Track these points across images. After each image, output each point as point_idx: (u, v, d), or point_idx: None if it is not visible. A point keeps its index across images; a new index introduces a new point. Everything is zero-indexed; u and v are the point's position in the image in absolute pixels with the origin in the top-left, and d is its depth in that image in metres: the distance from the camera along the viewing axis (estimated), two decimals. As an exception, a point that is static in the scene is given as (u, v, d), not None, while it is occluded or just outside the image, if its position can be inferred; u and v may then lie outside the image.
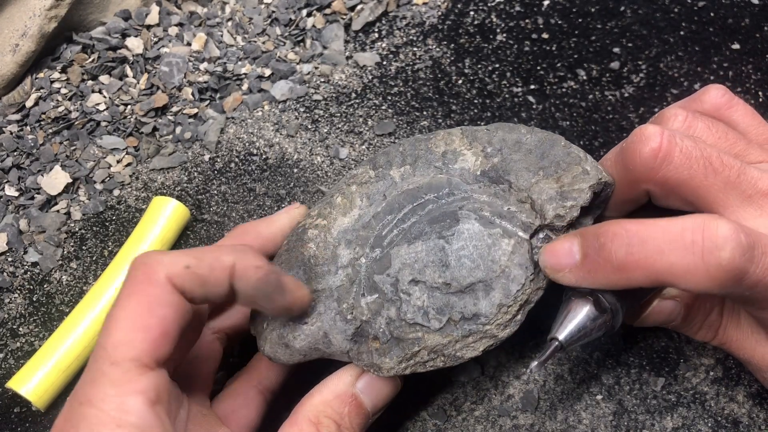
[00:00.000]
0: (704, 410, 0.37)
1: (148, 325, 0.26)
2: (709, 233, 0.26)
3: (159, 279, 0.27)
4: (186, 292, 0.28)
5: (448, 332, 0.31)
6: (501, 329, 0.31)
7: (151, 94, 0.51)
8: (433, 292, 0.31)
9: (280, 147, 0.49)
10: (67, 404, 0.27)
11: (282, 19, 0.54)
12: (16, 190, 0.47)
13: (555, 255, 0.30)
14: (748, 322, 0.33)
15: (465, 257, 0.31)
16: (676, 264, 0.26)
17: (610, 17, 0.54)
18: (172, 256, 0.28)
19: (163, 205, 0.43)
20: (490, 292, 0.31)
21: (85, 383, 0.26)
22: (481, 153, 0.34)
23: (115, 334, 0.26)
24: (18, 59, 0.50)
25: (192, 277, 0.27)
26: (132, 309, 0.27)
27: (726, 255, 0.26)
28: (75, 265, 0.45)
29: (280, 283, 0.30)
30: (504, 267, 0.31)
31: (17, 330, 0.42)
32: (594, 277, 0.29)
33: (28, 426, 0.39)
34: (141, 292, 0.27)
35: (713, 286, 0.26)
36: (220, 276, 0.28)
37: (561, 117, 0.49)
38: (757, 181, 0.30)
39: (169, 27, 0.54)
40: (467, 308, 0.31)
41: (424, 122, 0.49)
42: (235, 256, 0.29)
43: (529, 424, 0.37)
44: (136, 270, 0.27)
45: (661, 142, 0.29)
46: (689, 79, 0.50)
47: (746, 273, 0.26)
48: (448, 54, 0.53)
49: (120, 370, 0.26)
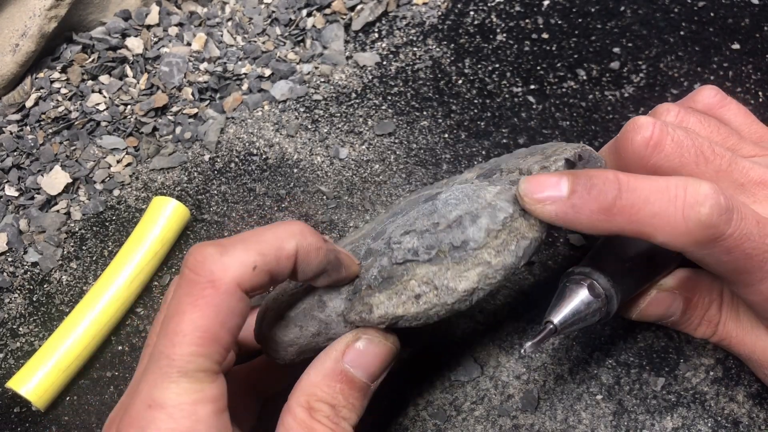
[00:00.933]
0: (704, 410, 0.37)
1: (218, 337, 0.26)
2: (691, 190, 0.27)
3: (228, 287, 0.26)
4: (253, 290, 0.27)
5: (438, 262, 0.30)
6: (493, 255, 0.29)
7: (151, 94, 0.51)
8: (423, 235, 0.30)
9: (280, 147, 0.49)
10: (131, 405, 0.26)
11: (282, 19, 0.54)
12: (16, 190, 0.47)
13: (539, 183, 0.29)
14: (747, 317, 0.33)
15: (451, 199, 0.31)
16: (659, 214, 0.27)
17: (610, 17, 0.54)
18: (237, 258, 0.26)
19: (163, 205, 0.43)
20: (477, 220, 0.30)
21: (153, 387, 0.26)
22: (478, 170, 0.35)
23: (184, 346, 0.25)
24: (18, 59, 0.50)
25: (260, 274, 0.27)
26: (200, 322, 0.26)
27: (705, 211, 0.27)
28: (75, 265, 0.45)
29: (339, 261, 0.30)
30: (490, 201, 0.30)
31: (17, 330, 0.42)
32: (577, 215, 0.28)
33: (28, 426, 0.39)
34: (207, 303, 0.26)
35: (689, 241, 0.27)
36: (286, 264, 0.28)
37: (561, 117, 0.49)
38: (748, 170, 0.30)
39: (169, 27, 0.54)
40: (456, 238, 0.30)
41: (424, 122, 0.49)
42: (296, 240, 0.28)
43: (529, 424, 0.37)
44: (199, 275, 0.26)
45: (653, 131, 0.30)
46: (689, 79, 0.50)
47: (723, 233, 0.27)
48: (448, 54, 0.53)
49: (192, 379, 0.25)
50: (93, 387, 0.40)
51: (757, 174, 0.30)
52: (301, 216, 0.46)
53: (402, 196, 0.46)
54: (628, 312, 0.34)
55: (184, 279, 0.26)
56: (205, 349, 0.26)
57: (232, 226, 0.45)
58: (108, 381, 0.40)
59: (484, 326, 0.40)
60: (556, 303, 0.32)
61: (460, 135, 0.48)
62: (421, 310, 0.29)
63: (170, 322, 0.26)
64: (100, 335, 0.40)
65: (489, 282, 0.29)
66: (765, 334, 0.32)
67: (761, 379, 0.34)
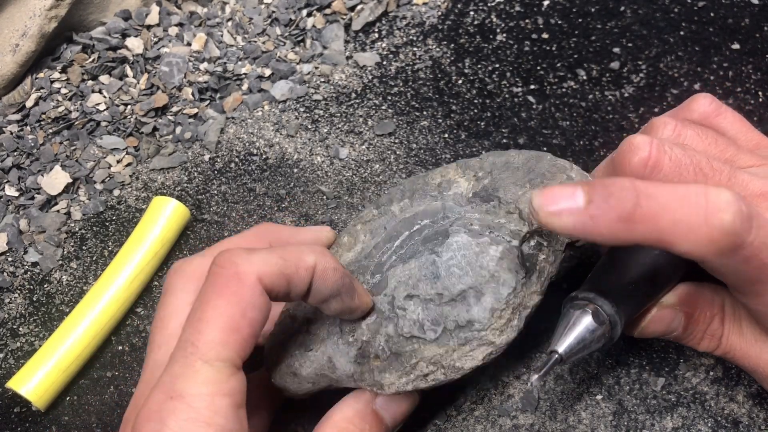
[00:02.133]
0: (704, 410, 0.37)
1: (240, 326, 0.27)
2: (713, 196, 0.26)
3: (250, 280, 0.27)
4: (272, 292, 0.28)
5: (444, 342, 0.31)
6: (497, 335, 0.31)
7: (151, 94, 0.51)
8: (427, 305, 0.31)
9: (280, 147, 0.49)
10: (152, 396, 0.27)
11: (282, 19, 0.54)
12: (16, 190, 0.47)
13: (553, 197, 0.28)
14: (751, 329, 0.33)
15: (454, 266, 0.31)
16: (680, 221, 0.26)
17: (610, 17, 0.54)
18: (262, 256, 0.28)
19: (163, 205, 0.43)
20: (481, 297, 0.31)
21: (175, 377, 0.26)
22: (473, 178, 0.35)
23: (208, 333, 0.26)
24: (18, 59, 0.50)
25: (280, 277, 0.28)
26: (224, 309, 0.27)
27: (728, 218, 0.26)
28: (75, 265, 0.45)
29: (353, 287, 0.31)
30: (493, 272, 0.31)
31: (17, 330, 0.42)
32: (596, 225, 0.27)
33: (28, 426, 0.39)
34: (232, 292, 0.27)
35: (712, 249, 0.26)
36: (304, 276, 0.29)
37: (561, 117, 0.49)
38: (748, 183, 0.30)
39: (169, 27, 0.54)
40: (460, 316, 0.31)
41: (424, 122, 0.49)
42: (316, 256, 0.29)
43: (529, 424, 0.37)
44: (225, 268, 0.27)
45: (650, 151, 0.30)
46: (689, 79, 0.50)
47: (744, 241, 0.26)
48: (448, 54, 0.53)
49: (213, 369, 0.26)
50: (93, 387, 0.40)
51: (757, 186, 0.30)
52: (301, 216, 0.46)
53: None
54: (630, 331, 0.34)
55: (211, 274, 0.28)
56: (227, 337, 0.26)
57: (232, 226, 0.46)
58: (108, 381, 0.40)
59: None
60: (561, 331, 0.31)
61: (460, 135, 0.48)
62: (429, 385, 0.32)
63: (196, 311, 0.27)
64: (100, 335, 0.41)
65: (492, 357, 0.31)
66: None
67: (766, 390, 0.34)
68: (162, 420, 0.26)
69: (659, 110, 0.49)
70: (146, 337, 0.42)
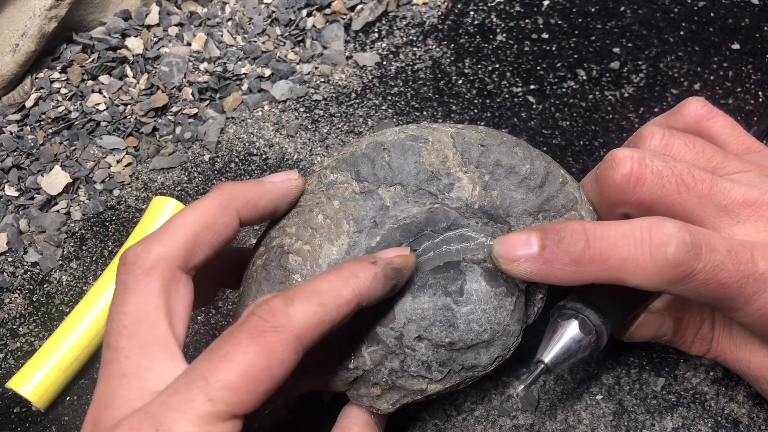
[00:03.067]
0: (704, 410, 0.37)
1: (260, 378, 0.25)
2: (656, 231, 0.28)
3: (288, 337, 0.26)
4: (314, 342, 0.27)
5: (448, 380, 0.32)
6: (490, 370, 0.32)
7: (151, 94, 0.51)
8: (438, 349, 0.31)
9: (280, 147, 0.49)
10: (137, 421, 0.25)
11: (282, 19, 0.54)
12: (16, 190, 0.47)
13: (511, 245, 0.30)
14: (740, 332, 0.33)
15: (474, 322, 0.31)
16: (628, 259, 0.28)
17: (610, 17, 0.54)
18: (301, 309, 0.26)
19: (163, 205, 0.43)
20: (491, 348, 0.32)
21: (169, 408, 0.24)
22: (478, 181, 0.33)
23: (224, 372, 0.24)
24: (18, 59, 0.50)
25: (320, 325, 0.27)
26: (251, 356, 0.25)
27: (671, 250, 0.27)
28: (75, 265, 0.45)
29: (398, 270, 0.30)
30: (505, 326, 0.32)
31: (17, 330, 0.42)
32: (550, 269, 0.29)
33: (28, 426, 0.39)
34: (266, 342, 0.25)
35: (661, 281, 0.28)
36: (346, 311, 0.28)
37: (561, 117, 0.49)
38: (730, 191, 0.30)
39: (169, 27, 0.54)
40: (468, 362, 0.32)
41: (424, 122, 0.49)
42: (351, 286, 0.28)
43: (529, 424, 0.37)
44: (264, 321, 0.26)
45: (632, 166, 0.30)
46: (689, 79, 0.50)
47: (693, 269, 0.27)
48: (448, 54, 0.53)
49: (212, 408, 0.24)
50: (93, 387, 0.40)
51: (739, 194, 0.30)
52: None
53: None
54: (619, 335, 0.35)
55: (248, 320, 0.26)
56: (244, 384, 0.25)
57: (232, 226, 0.45)
58: (108, 381, 0.40)
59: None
60: (547, 341, 0.32)
61: (460, 135, 0.48)
62: (420, 402, 0.33)
63: (221, 347, 0.25)
64: (100, 335, 0.40)
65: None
66: (758, 350, 0.32)
67: (760, 392, 0.34)
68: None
69: (659, 110, 0.49)
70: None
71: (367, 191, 0.32)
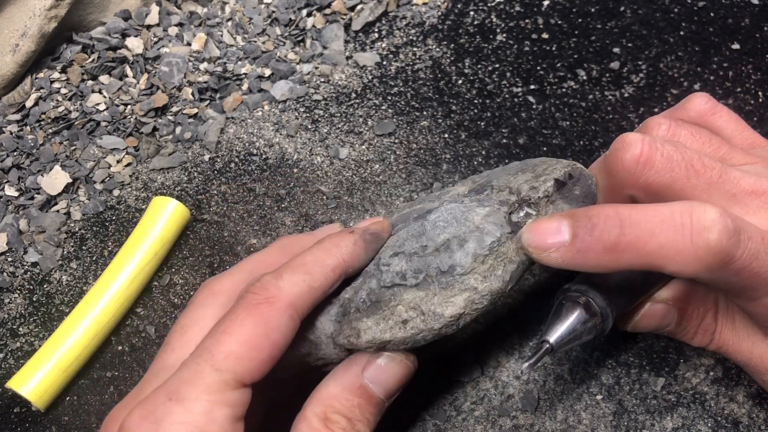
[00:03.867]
0: (704, 410, 0.37)
1: (260, 345, 0.27)
2: (697, 216, 0.27)
3: (281, 305, 0.28)
4: (307, 310, 0.29)
5: (425, 286, 0.30)
6: (480, 281, 0.30)
7: (151, 94, 0.51)
8: (411, 258, 0.31)
9: (280, 147, 0.49)
10: (153, 395, 0.27)
11: (282, 19, 0.54)
12: (16, 190, 0.47)
13: (540, 233, 0.29)
14: (743, 323, 0.33)
15: (439, 220, 0.31)
16: (666, 245, 0.27)
17: (610, 17, 0.54)
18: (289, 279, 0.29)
19: (163, 205, 0.43)
20: (464, 244, 0.30)
21: (181, 380, 0.26)
22: (470, 183, 0.35)
23: (228, 344, 0.27)
24: (18, 59, 0.50)
25: (310, 292, 0.29)
26: (249, 327, 0.27)
27: (714, 236, 0.26)
28: (75, 265, 0.45)
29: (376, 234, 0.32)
30: (478, 224, 0.31)
31: (17, 330, 0.42)
32: (584, 258, 0.28)
33: (28, 426, 0.39)
34: (261, 313, 0.27)
35: (701, 268, 0.27)
36: (332, 277, 0.30)
37: (561, 117, 0.49)
38: (739, 180, 0.30)
39: (169, 27, 0.54)
40: (443, 262, 0.30)
41: (424, 122, 0.49)
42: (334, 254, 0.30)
43: (529, 424, 0.37)
44: (257, 294, 0.28)
45: (642, 148, 0.30)
46: (689, 79, 0.50)
47: (733, 256, 0.27)
48: (448, 54, 0.53)
49: (219, 378, 0.26)
50: (93, 387, 0.40)
51: (748, 183, 0.30)
52: (301, 216, 0.46)
53: (397, 203, 0.46)
54: (623, 325, 0.35)
55: (243, 297, 0.28)
56: (246, 352, 0.27)
57: (232, 226, 0.46)
58: (108, 381, 0.40)
59: (484, 326, 0.40)
60: (552, 321, 0.32)
61: (460, 135, 0.48)
62: (408, 335, 0.30)
63: (221, 324, 0.28)
64: (100, 335, 0.41)
65: (475, 307, 0.30)
66: (761, 341, 0.32)
67: (760, 384, 0.34)
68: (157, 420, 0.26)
69: (659, 110, 0.49)
70: (146, 338, 0.42)
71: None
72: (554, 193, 0.32)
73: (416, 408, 0.38)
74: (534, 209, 0.32)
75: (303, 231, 0.45)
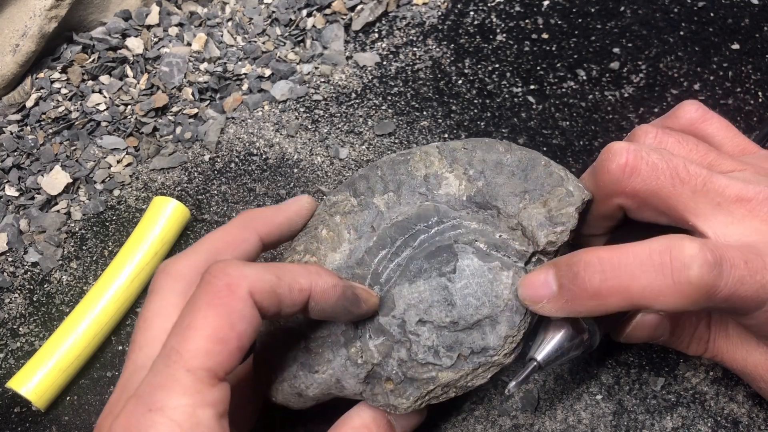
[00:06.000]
0: (704, 410, 0.37)
1: (227, 337, 0.26)
2: (676, 253, 0.27)
3: (241, 293, 0.27)
4: (262, 309, 0.28)
5: (460, 367, 0.31)
6: (507, 357, 0.32)
7: (151, 94, 0.51)
8: (441, 331, 0.31)
9: (280, 147, 0.49)
10: (130, 408, 0.26)
11: (282, 20, 0.54)
12: (17, 190, 0.47)
13: (532, 287, 0.30)
14: (737, 332, 0.33)
15: (470, 295, 0.32)
16: (648, 286, 0.27)
17: (610, 17, 0.54)
18: (255, 271, 0.28)
19: (163, 205, 0.43)
20: (496, 326, 0.31)
21: (155, 387, 0.26)
22: (464, 176, 0.34)
23: (194, 341, 0.26)
24: (18, 59, 0.50)
25: (271, 294, 0.28)
26: (213, 319, 0.26)
27: (695, 273, 0.26)
28: (75, 265, 0.45)
29: (356, 297, 0.31)
30: (507, 300, 0.32)
31: (17, 330, 0.42)
32: (572, 306, 0.29)
33: (28, 426, 0.39)
34: (223, 303, 0.27)
35: (686, 303, 0.27)
36: (298, 297, 0.29)
37: (561, 117, 0.49)
38: (725, 188, 0.30)
39: (169, 27, 0.54)
40: (476, 343, 0.31)
41: (424, 122, 0.49)
42: (311, 278, 0.29)
43: (529, 424, 0.37)
44: (217, 278, 0.27)
45: (627, 156, 0.30)
46: (689, 79, 0.50)
47: (716, 287, 0.27)
48: (448, 54, 0.53)
49: (194, 378, 0.26)
50: (93, 387, 0.40)
51: (734, 191, 0.30)
52: (301, 216, 0.46)
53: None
54: (616, 336, 0.35)
55: (203, 283, 0.27)
56: (214, 347, 0.26)
57: (232, 226, 0.46)
58: (108, 381, 0.41)
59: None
60: (539, 339, 0.32)
61: (460, 135, 0.48)
62: (440, 401, 0.32)
63: (184, 318, 0.27)
64: (100, 335, 0.41)
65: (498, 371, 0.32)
66: (755, 349, 0.32)
67: (758, 391, 0.34)
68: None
69: (659, 110, 0.49)
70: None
71: (363, 203, 0.35)
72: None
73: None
74: (546, 257, 0.33)
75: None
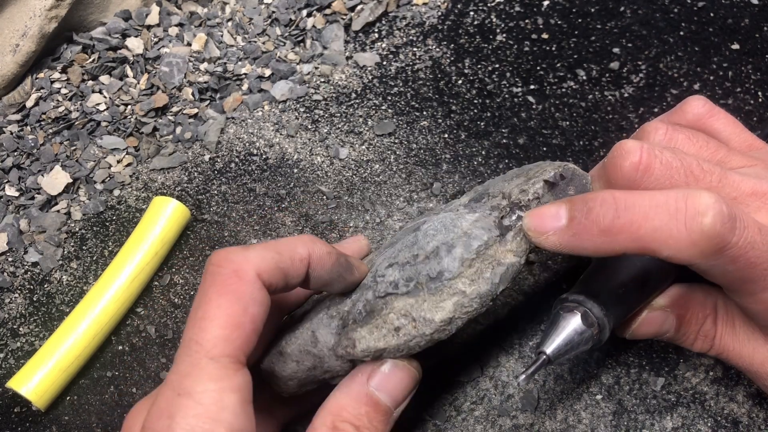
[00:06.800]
0: (704, 410, 0.37)
1: (242, 322, 0.27)
2: (692, 201, 0.27)
3: (249, 276, 0.28)
4: (271, 286, 0.29)
5: (415, 293, 0.30)
6: (467, 284, 0.30)
7: (151, 94, 0.51)
8: (404, 267, 0.31)
9: (280, 147, 0.49)
10: (159, 395, 0.27)
11: (282, 20, 0.54)
12: (17, 190, 0.47)
13: (540, 217, 0.30)
14: (744, 329, 0.33)
15: (430, 229, 0.32)
16: (660, 229, 0.27)
17: (610, 17, 0.54)
18: (258, 252, 0.29)
19: (163, 205, 0.43)
20: (452, 250, 0.30)
21: (182, 375, 0.27)
22: (473, 192, 0.35)
23: (211, 330, 0.27)
24: (18, 59, 0.50)
25: (276, 270, 0.29)
26: (225, 307, 0.27)
27: (708, 221, 0.26)
28: (75, 265, 0.45)
29: (350, 264, 0.32)
30: (465, 230, 0.31)
31: (17, 330, 0.42)
32: (579, 240, 0.29)
33: (28, 426, 0.39)
34: (233, 290, 0.28)
35: (695, 253, 0.27)
36: (299, 267, 0.30)
37: (561, 117, 0.49)
38: (739, 183, 0.30)
39: (169, 27, 0.54)
40: (432, 269, 0.30)
41: (424, 122, 0.49)
42: (308, 246, 0.30)
43: (529, 424, 0.37)
44: (223, 267, 0.28)
45: (641, 155, 0.30)
46: (689, 79, 0.50)
47: (727, 242, 0.27)
48: (448, 54, 0.53)
49: (218, 365, 0.27)
50: (93, 387, 0.40)
51: (748, 185, 0.30)
52: (301, 216, 0.46)
53: (397, 203, 0.46)
54: (621, 332, 0.35)
55: (209, 273, 0.28)
56: (231, 333, 0.27)
57: (232, 226, 0.46)
58: (108, 381, 0.41)
59: (484, 326, 0.40)
60: (549, 332, 0.32)
61: (460, 135, 0.48)
62: (401, 342, 0.30)
63: (198, 310, 0.28)
64: (100, 335, 0.41)
65: (465, 311, 0.30)
66: (762, 346, 0.32)
67: (762, 389, 0.34)
68: (171, 416, 0.26)
69: (659, 110, 0.49)
70: (146, 337, 0.42)
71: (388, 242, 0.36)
72: (545, 194, 0.32)
73: (416, 408, 0.38)
74: (525, 212, 0.32)
75: (303, 231, 0.45)
